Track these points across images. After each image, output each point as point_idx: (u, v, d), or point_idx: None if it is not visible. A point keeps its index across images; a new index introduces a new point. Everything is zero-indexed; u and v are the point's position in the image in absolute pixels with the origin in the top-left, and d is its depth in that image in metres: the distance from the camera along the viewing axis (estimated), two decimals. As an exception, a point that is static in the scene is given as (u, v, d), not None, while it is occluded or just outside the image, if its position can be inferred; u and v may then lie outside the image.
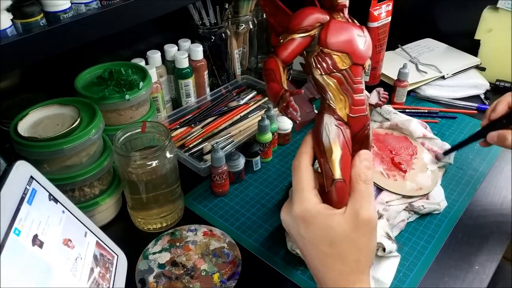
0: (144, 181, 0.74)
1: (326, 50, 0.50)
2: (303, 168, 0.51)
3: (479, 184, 0.90)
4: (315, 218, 0.49)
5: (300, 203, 0.50)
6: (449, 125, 1.08)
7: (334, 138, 0.50)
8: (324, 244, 0.49)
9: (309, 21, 0.50)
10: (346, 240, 0.49)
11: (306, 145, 0.52)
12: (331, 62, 0.50)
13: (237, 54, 1.16)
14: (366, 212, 0.49)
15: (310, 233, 0.50)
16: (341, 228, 0.48)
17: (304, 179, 0.50)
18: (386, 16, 1.10)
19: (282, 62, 0.51)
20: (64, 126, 0.72)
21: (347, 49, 0.50)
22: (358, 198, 0.49)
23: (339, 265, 0.49)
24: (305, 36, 0.50)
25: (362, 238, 0.49)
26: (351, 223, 0.48)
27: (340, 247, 0.49)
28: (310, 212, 0.49)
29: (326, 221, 0.49)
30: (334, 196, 0.50)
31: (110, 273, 0.67)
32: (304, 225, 0.50)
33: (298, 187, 0.51)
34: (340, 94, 0.51)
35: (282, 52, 0.51)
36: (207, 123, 1.05)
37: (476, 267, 0.74)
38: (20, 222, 0.51)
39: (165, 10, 0.77)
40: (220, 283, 0.71)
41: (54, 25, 0.63)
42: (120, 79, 0.84)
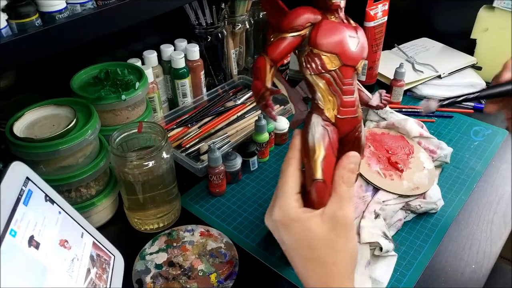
0: (140, 182, 0.74)
1: (315, 50, 0.50)
2: (289, 172, 0.51)
3: (475, 183, 0.90)
4: (294, 222, 0.50)
5: (279, 208, 0.50)
6: (446, 124, 1.08)
7: (319, 138, 0.50)
8: (303, 248, 0.50)
9: (299, 21, 0.50)
10: (324, 242, 0.49)
11: (294, 149, 0.52)
12: (320, 63, 0.50)
13: (234, 54, 1.16)
14: (343, 213, 0.49)
15: (290, 238, 0.50)
16: (319, 230, 0.49)
17: (287, 184, 0.51)
18: (383, 16, 1.10)
19: (271, 61, 0.51)
20: (60, 126, 0.71)
21: (336, 50, 0.50)
22: (337, 199, 0.49)
23: (319, 268, 0.49)
24: (295, 35, 0.50)
25: (340, 239, 0.49)
26: (328, 224, 0.49)
27: (319, 250, 0.49)
28: (289, 216, 0.50)
29: (304, 224, 0.49)
30: (313, 196, 0.50)
31: (107, 273, 0.66)
32: (284, 229, 0.50)
33: (280, 192, 0.51)
34: (328, 95, 0.51)
35: (272, 51, 0.51)
36: (203, 123, 1.05)
37: (473, 266, 0.75)
38: (16, 223, 0.51)
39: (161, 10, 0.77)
40: (217, 283, 0.71)
41: (49, 26, 0.63)
42: (116, 79, 0.83)
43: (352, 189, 0.50)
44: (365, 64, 1.15)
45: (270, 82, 0.51)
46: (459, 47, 1.31)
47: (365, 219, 0.77)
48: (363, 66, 1.14)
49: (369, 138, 0.92)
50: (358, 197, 0.81)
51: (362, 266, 0.72)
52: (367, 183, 0.83)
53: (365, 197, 0.81)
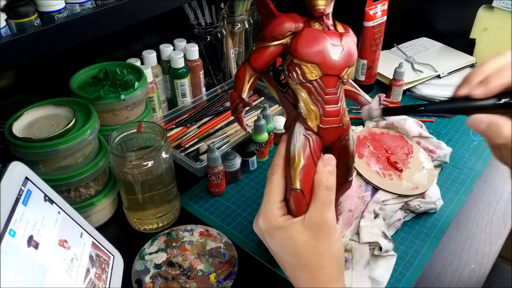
0: (140, 182, 0.74)
1: (296, 60, 0.49)
2: (274, 180, 0.51)
3: (475, 183, 0.90)
4: (277, 230, 0.50)
5: (263, 216, 0.51)
6: (445, 124, 1.08)
7: (300, 148, 0.50)
8: (288, 255, 0.50)
9: (280, 30, 0.49)
10: (307, 248, 0.49)
11: (280, 156, 0.52)
12: (300, 72, 0.49)
13: (233, 54, 1.16)
14: (323, 218, 0.49)
15: (274, 245, 0.51)
16: (301, 236, 0.49)
17: (271, 192, 0.51)
18: (382, 16, 1.10)
19: (253, 70, 0.51)
20: (59, 126, 0.71)
21: (316, 59, 0.49)
22: (317, 204, 0.49)
23: (306, 274, 0.50)
24: (276, 44, 0.49)
25: (322, 244, 0.49)
26: (309, 229, 0.49)
27: (303, 257, 0.49)
28: (272, 224, 0.50)
29: (286, 232, 0.49)
30: (291, 205, 0.50)
31: (106, 273, 0.66)
32: (268, 237, 0.51)
33: (265, 200, 0.51)
34: (310, 104, 0.50)
35: (253, 60, 0.51)
36: (203, 123, 1.05)
37: (472, 266, 0.75)
38: (15, 223, 0.51)
39: (161, 10, 0.77)
40: (216, 283, 0.70)
41: (48, 25, 0.63)
42: (115, 79, 0.83)
43: (332, 193, 0.50)
44: (364, 64, 1.15)
45: (247, 93, 0.51)
46: (458, 47, 1.31)
47: (364, 219, 0.77)
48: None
49: (368, 138, 0.92)
50: (357, 197, 0.81)
51: (361, 266, 0.72)
52: (366, 183, 0.83)
53: (364, 197, 0.81)
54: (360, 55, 1.15)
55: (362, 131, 0.95)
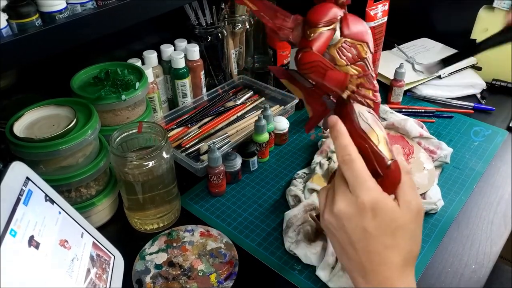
0: (140, 182, 0.74)
1: (351, 40, 0.53)
2: (357, 159, 0.51)
3: (475, 183, 0.90)
4: (383, 208, 0.50)
5: (367, 193, 0.50)
6: (446, 124, 1.08)
7: (373, 123, 0.52)
8: (386, 235, 0.50)
9: (331, 15, 0.53)
10: (405, 230, 0.50)
11: (345, 137, 0.52)
12: (356, 52, 0.53)
13: (234, 54, 1.16)
14: (417, 202, 0.51)
15: (375, 224, 0.50)
16: (403, 219, 0.50)
17: (362, 170, 0.51)
18: (383, 16, 1.10)
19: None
20: (60, 126, 0.71)
21: (366, 38, 0.54)
22: (406, 189, 0.52)
23: (395, 256, 0.50)
24: (330, 28, 0.53)
25: (417, 228, 0.52)
26: (408, 214, 0.51)
27: (400, 238, 0.50)
28: (379, 203, 0.50)
29: (392, 212, 0.50)
30: (392, 177, 0.51)
31: (106, 273, 0.66)
32: (372, 215, 0.50)
33: (360, 179, 0.50)
34: (365, 82, 0.53)
35: (316, 44, 0.52)
36: (203, 123, 1.05)
37: (473, 266, 0.74)
38: (16, 223, 0.51)
39: (161, 10, 0.77)
40: (217, 283, 0.70)
41: (49, 26, 0.63)
42: (116, 79, 0.83)
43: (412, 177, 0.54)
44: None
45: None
46: (459, 47, 1.30)
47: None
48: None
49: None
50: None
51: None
52: (367, 183, 0.83)
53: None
54: (361, 56, 1.15)
55: (362, 132, 0.95)
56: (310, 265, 0.73)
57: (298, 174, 0.90)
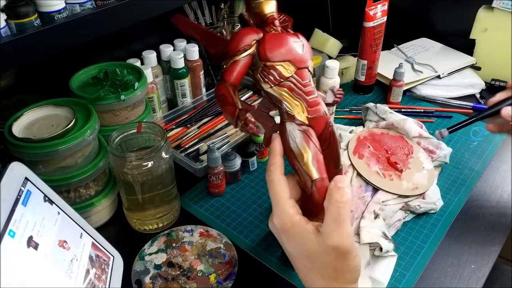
0: (139, 182, 0.74)
1: (269, 63, 0.51)
2: (275, 180, 0.51)
3: (475, 183, 0.90)
4: (292, 231, 0.49)
5: (278, 216, 0.50)
6: (445, 124, 1.08)
7: (301, 142, 0.51)
8: (303, 257, 0.50)
9: (246, 41, 0.52)
10: (321, 259, 0.48)
11: (273, 156, 0.52)
12: (277, 73, 0.51)
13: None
14: (335, 239, 0.46)
15: (291, 246, 0.50)
16: (315, 248, 0.48)
17: (278, 192, 0.50)
18: (382, 16, 1.10)
19: (231, 86, 0.52)
20: (59, 127, 0.71)
21: (288, 57, 0.52)
22: (328, 221, 0.47)
23: (320, 279, 0.49)
24: (246, 55, 0.52)
25: (334, 261, 0.48)
26: (321, 246, 0.47)
27: (318, 264, 0.49)
28: (287, 225, 0.49)
29: (301, 237, 0.49)
30: (317, 196, 0.50)
31: (106, 274, 0.66)
32: (285, 237, 0.50)
33: (274, 201, 0.51)
34: (294, 100, 0.52)
35: (228, 76, 0.52)
36: (203, 123, 1.04)
37: (472, 266, 0.74)
38: (15, 224, 0.51)
39: (161, 10, 0.77)
40: (216, 283, 0.70)
41: (48, 26, 0.63)
42: (115, 79, 0.83)
43: (344, 208, 0.47)
44: (364, 65, 1.15)
45: (240, 103, 0.52)
46: (458, 47, 1.31)
47: (364, 219, 0.77)
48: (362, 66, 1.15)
49: (368, 138, 0.92)
50: (357, 197, 0.81)
51: (362, 266, 0.71)
52: (367, 183, 0.83)
53: (365, 197, 0.81)
54: (360, 56, 1.15)
55: (362, 132, 0.95)
56: (310, 265, 0.73)
57: (298, 174, 0.90)
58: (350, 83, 1.25)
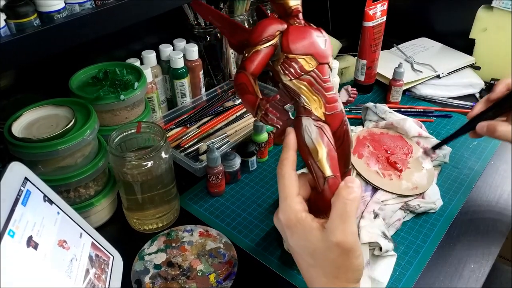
0: (139, 182, 0.74)
1: (291, 55, 0.51)
2: (285, 175, 0.51)
3: (474, 183, 0.90)
4: (296, 228, 0.49)
5: (283, 211, 0.50)
6: (444, 124, 1.08)
7: (317, 138, 0.51)
8: (306, 255, 0.50)
9: (269, 31, 0.52)
10: (324, 256, 0.48)
11: (287, 151, 0.52)
12: (298, 66, 0.51)
13: (233, 54, 1.16)
14: (338, 235, 0.46)
15: (294, 242, 0.50)
16: (318, 244, 0.48)
17: (286, 187, 0.50)
18: (381, 16, 1.10)
19: (251, 75, 0.52)
20: (58, 126, 0.71)
21: (310, 51, 0.52)
22: (334, 217, 0.47)
23: (321, 277, 0.49)
24: (268, 46, 0.52)
25: (338, 258, 0.47)
26: (325, 242, 0.47)
27: (320, 261, 0.49)
28: (292, 221, 0.49)
29: (305, 233, 0.49)
30: (328, 193, 0.50)
31: (105, 274, 0.66)
32: (289, 233, 0.50)
33: (282, 195, 0.51)
34: (313, 95, 0.52)
35: (249, 65, 0.52)
36: (202, 123, 1.04)
37: (472, 265, 0.75)
38: (15, 224, 0.51)
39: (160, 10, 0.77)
40: (216, 283, 0.70)
41: (48, 25, 0.63)
42: (115, 79, 0.83)
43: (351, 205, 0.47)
44: (364, 64, 1.15)
45: (259, 93, 0.52)
46: (458, 47, 1.31)
47: (364, 219, 0.77)
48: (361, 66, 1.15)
49: (368, 138, 0.92)
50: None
51: (361, 266, 0.72)
52: (366, 183, 0.83)
53: (364, 197, 0.81)
54: (360, 55, 1.15)
55: (361, 131, 0.95)
56: (309, 265, 0.73)
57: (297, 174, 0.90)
58: (350, 83, 1.25)
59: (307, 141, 0.51)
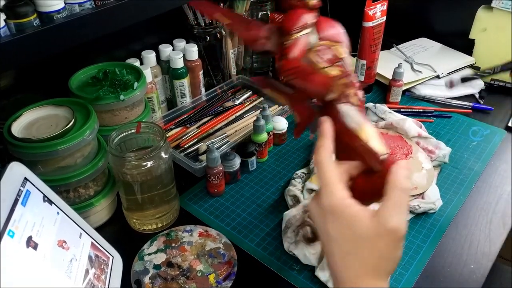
0: (139, 182, 0.74)
1: (327, 42, 0.54)
2: (324, 161, 0.50)
3: (474, 183, 0.90)
4: (342, 213, 0.48)
5: (327, 196, 0.49)
6: (444, 124, 1.08)
7: (361, 120, 0.51)
8: (347, 241, 0.49)
9: (303, 20, 0.54)
10: (369, 245, 0.47)
11: (323, 138, 0.51)
12: (332, 54, 0.54)
13: (232, 54, 1.16)
14: (394, 222, 0.46)
15: (335, 229, 0.49)
16: (366, 231, 0.47)
17: (328, 172, 0.50)
18: (381, 16, 1.10)
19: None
20: (58, 127, 0.71)
21: (342, 39, 0.55)
22: (389, 205, 0.47)
23: (357, 266, 0.48)
24: (304, 34, 0.54)
25: (385, 247, 0.47)
26: (376, 229, 0.47)
27: (362, 249, 0.48)
28: (338, 207, 0.49)
29: (351, 219, 0.48)
30: (386, 172, 0.50)
31: (105, 274, 0.66)
32: (331, 219, 0.49)
33: (324, 181, 0.50)
34: (344, 80, 0.53)
35: (293, 51, 0.53)
36: (202, 123, 1.04)
37: (471, 266, 0.75)
38: (14, 224, 0.51)
39: (160, 10, 0.77)
40: (215, 283, 0.70)
41: (47, 26, 0.63)
42: (114, 79, 0.83)
43: (406, 196, 0.48)
44: (364, 64, 1.15)
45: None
46: (457, 47, 1.31)
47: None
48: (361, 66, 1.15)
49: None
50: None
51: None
52: (366, 183, 0.83)
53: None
54: (360, 55, 1.15)
55: (361, 132, 0.94)
56: (309, 265, 0.73)
57: (297, 174, 0.90)
58: (350, 83, 1.25)
59: (352, 126, 0.51)
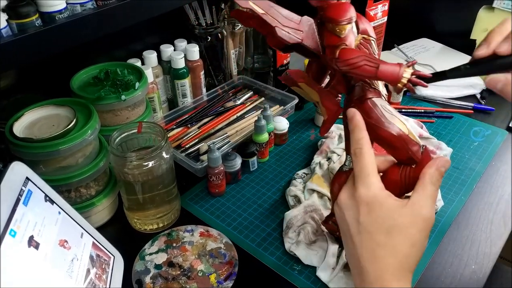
0: (140, 182, 0.74)
1: (367, 37, 0.56)
2: (365, 153, 0.51)
3: (475, 183, 0.90)
4: (380, 205, 0.49)
5: (366, 187, 0.50)
6: (445, 124, 1.08)
7: (397, 114, 0.53)
8: (380, 232, 0.49)
9: (352, 12, 0.54)
10: (403, 233, 0.49)
11: (360, 131, 0.53)
12: (371, 48, 0.56)
13: (234, 54, 1.16)
14: (428, 211, 0.49)
15: (369, 220, 0.50)
16: (401, 220, 0.49)
17: (369, 163, 0.51)
18: (382, 16, 1.10)
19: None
20: (59, 126, 0.71)
21: (373, 35, 0.57)
22: (424, 196, 0.50)
23: (389, 257, 0.49)
24: (350, 29, 0.54)
25: (418, 234, 0.49)
26: (411, 217, 0.49)
27: (396, 239, 0.49)
28: (377, 198, 0.50)
29: (388, 210, 0.49)
30: (426, 161, 0.52)
31: (106, 274, 0.66)
32: (367, 210, 0.50)
33: (364, 172, 0.51)
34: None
35: (349, 40, 0.54)
36: (203, 123, 1.05)
37: (472, 266, 0.75)
38: (16, 223, 0.51)
39: (161, 10, 0.77)
40: (216, 283, 0.70)
41: (49, 26, 0.63)
42: (116, 79, 0.83)
43: (438, 190, 0.51)
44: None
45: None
46: (459, 48, 1.31)
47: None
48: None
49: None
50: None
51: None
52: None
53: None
54: (361, 56, 1.15)
55: (362, 132, 0.95)
56: (310, 265, 0.73)
57: (298, 174, 0.90)
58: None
59: (390, 118, 0.53)
